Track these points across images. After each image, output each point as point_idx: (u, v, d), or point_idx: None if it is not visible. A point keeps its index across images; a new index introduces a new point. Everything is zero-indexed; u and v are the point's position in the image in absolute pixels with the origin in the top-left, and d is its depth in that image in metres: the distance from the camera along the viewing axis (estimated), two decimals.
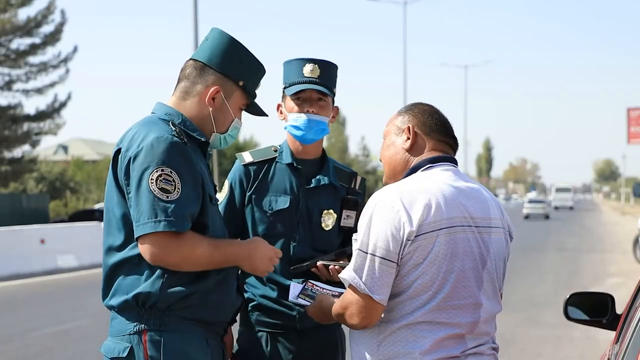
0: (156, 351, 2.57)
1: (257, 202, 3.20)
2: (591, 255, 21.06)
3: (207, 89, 2.73)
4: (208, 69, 2.74)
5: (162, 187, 2.53)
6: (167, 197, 2.52)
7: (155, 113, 2.75)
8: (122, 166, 2.60)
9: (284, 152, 3.28)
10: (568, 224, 41.55)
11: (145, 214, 2.52)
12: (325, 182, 3.25)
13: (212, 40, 2.78)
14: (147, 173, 2.53)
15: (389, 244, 2.39)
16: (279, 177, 3.23)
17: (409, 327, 2.43)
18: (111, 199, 2.66)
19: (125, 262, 2.62)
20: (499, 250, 2.57)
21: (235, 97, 2.78)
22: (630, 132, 43.62)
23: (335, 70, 3.29)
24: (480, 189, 2.58)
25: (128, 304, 2.60)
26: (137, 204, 2.54)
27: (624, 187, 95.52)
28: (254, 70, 2.80)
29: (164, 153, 2.55)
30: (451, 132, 2.66)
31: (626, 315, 3.30)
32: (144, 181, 2.53)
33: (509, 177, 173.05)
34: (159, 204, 2.52)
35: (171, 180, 2.54)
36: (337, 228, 3.27)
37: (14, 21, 29.90)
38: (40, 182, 36.34)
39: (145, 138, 2.58)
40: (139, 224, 2.53)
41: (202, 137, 2.72)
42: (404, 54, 42.64)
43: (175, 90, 2.79)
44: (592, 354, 8.15)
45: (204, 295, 2.64)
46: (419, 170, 2.57)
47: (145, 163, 2.54)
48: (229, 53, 2.75)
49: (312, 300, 2.84)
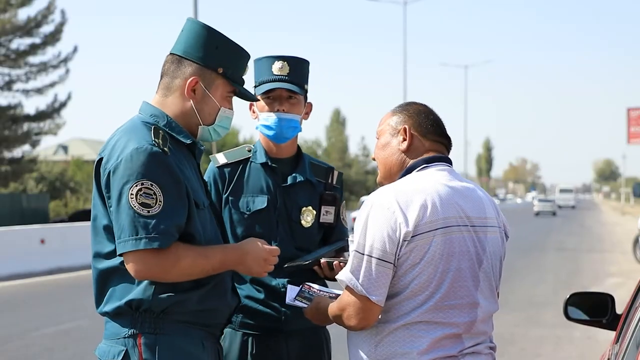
0: (151, 354, 2.54)
1: (234, 204, 3.16)
2: (591, 255, 21.06)
3: (185, 81, 2.66)
4: (185, 60, 2.66)
5: (143, 201, 2.46)
6: (148, 211, 2.46)
7: (141, 114, 2.69)
8: (103, 178, 2.55)
9: (258, 151, 3.24)
10: (568, 224, 41.54)
11: (125, 231, 2.47)
12: (301, 179, 3.22)
13: (186, 31, 2.70)
14: (127, 187, 2.46)
15: (385, 245, 2.39)
16: (255, 177, 3.20)
17: (406, 327, 2.43)
18: (96, 207, 2.61)
19: (115, 270, 2.57)
20: (495, 250, 2.57)
21: (217, 85, 2.69)
22: (630, 132, 43.60)
23: (307, 67, 3.25)
24: (475, 189, 2.58)
25: (121, 309, 2.57)
26: (118, 219, 2.49)
27: (624, 187, 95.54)
28: (233, 55, 2.70)
29: (143, 165, 2.47)
30: (445, 132, 2.66)
31: (626, 315, 3.30)
32: (123, 196, 2.47)
33: (509, 177, 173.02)
34: (139, 220, 2.45)
35: (152, 194, 2.47)
36: (316, 224, 3.23)
37: (14, 21, 29.90)
38: (40, 182, 36.31)
39: (124, 149, 2.51)
40: (120, 240, 2.48)
41: (187, 140, 2.66)
42: (404, 54, 42.66)
43: (158, 88, 2.73)
44: (592, 354, 8.15)
45: (200, 301, 2.61)
46: (414, 171, 2.56)
47: (125, 177, 2.47)
48: (203, 41, 2.66)
49: (310, 303, 2.83)
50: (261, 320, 3.14)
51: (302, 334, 3.17)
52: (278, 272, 3.11)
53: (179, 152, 2.63)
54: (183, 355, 2.58)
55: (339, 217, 3.29)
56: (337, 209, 3.28)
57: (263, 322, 3.14)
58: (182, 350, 2.58)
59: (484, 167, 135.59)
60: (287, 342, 3.15)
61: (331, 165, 3.36)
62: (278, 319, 3.14)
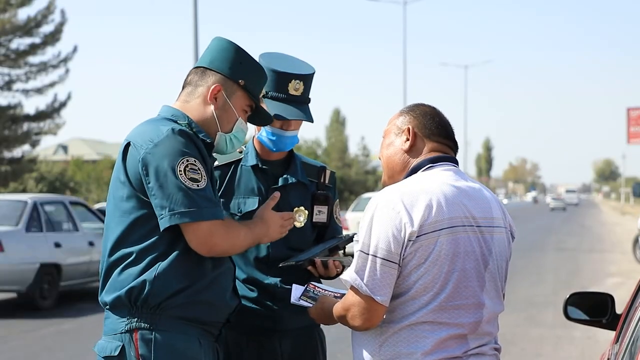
0: (147, 350, 2.58)
1: (225, 206, 3.14)
2: (591, 255, 21.06)
3: (209, 89, 2.77)
4: (209, 71, 2.79)
5: (191, 177, 2.57)
6: (198, 185, 2.57)
7: (161, 115, 2.78)
8: (138, 158, 2.60)
9: (249, 153, 3.23)
10: (568, 224, 41.53)
11: (181, 204, 2.54)
12: (292, 180, 3.21)
13: (212, 46, 2.83)
14: (174, 164, 2.56)
15: (390, 245, 2.39)
16: (246, 178, 3.19)
17: (410, 327, 2.43)
18: (115, 192, 2.67)
19: (122, 258, 2.62)
20: (501, 250, 2.57)
21: (238, 96, 2.80)
22: (630, 132, 43.61)
23: (313, 76, 3.22)
24: (481, 189, 2.58)
25: (120, 300, 2.61)
26: (166, 194, 2.55)
27: (624, 187, 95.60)
28: (254, 72, 2.83)
29: (184, 143, 2.60)
30: (451, 135, 2.66)
31: (626, 315, 3.30)
32: (169, 172, 2.55)
33: (509, 177, 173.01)
34: (194, 193, 2.56)
35: (197, 169, 2.59)
36: (309, 224, 3.22)
37: (14, 21, 29.88)
38: (40, 182, 36.30)
39: (158, 131, 2.62)
40: (174, 212, 2.54)
41: (207, 139, 2.74)
42: (404, 54, 42.61)
43: (179, 96, 2.83)
44: (592, 354, 8.15)
45: (196, 293, 2.63)
46: (419, 171, 2.56)
47: (168, 154, 2.57)
48: (228, 55, 2.79)
49: (314, 302, 2.83)
50: (255, 320, 3.13)
51: (296, 334, 3.16)
52: (271, 271, 3.12)
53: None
54: (179, 352, 2.61)
55: (333, 216, 3.29)
56: (330, 209, 3.27)
57: (257, 321, 3.13)
58: (178, 347, 2.61)
59: (484, 167, 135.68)
60: (281, 342, 3.14)
61: (323, 165, 3.35)
62: (272, 318, 3.13)
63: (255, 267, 3.14)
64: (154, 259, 2.60)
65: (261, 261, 3.12)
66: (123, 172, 2.65)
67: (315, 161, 3.36)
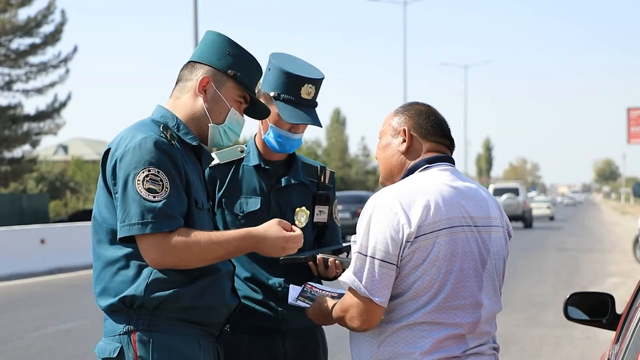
0: (145, 351, 2.57)
1: (228, 205, 3.15)
2: (591, 255, 21.05)
3: (197, 81, 2.75)
4: (198, 64, 2.78)
5: (149, 187, 2.53)
6: (154, 197, 2.53)
7: (152, 116, 2.77)
8: (110, 166, 2.61)
9: (251, 153, 3.22)
10: (568, 224, 41.52)
11: (132, 216, 2.52)
12: (295, 181, 3.21)
13: (203, 40, 2.84)
14: (134, 174, 2.53)
15: (388, 246, 2.39)
16: (248, 178, 3.19)
17: (409, 327, 2.43)
18: (99, 198, 2.67)
19: (113, 262, 2.61)
20: (499, 250, 2.57)
21: (228, 87, 2.77)
22: (630, 132, 43.61)
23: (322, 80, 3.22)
24: (478, 189, 2.58)
25: (115, 306, 2.60)
26: (124, 204, 2.54)
27: (624, 187, 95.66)
28: (245, 63, 2.79)
29: (151, 153, 2.55)
30: (448, 134, 2.65)
31: (626, 315, 3.30)
32: (130, 182, 2.53)
33: (509, 177, 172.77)
34: (146, 205, 2.51)
35: (158, 180, 2.54)
36: (310, 224, 3.23)
37: (14, 21, 29.89)
38: (40, 182, 36.30)
39: (132, 139, 2.59)
40: (124, 224, 2.53)
41: (193, 142, 2.72)
42: (404, 54, 42.64)
43: (172, 93, 2.83)
44: (592, 354, 8.15)
45: (194, 297, 2.62)
46: (416, 171, 2.56)
47: (132, 164, 2.54)
48: (217, 46, 2.78)
49: (312, 302, 2.82)
50: (258, 320, 3.13)
51: (299, 334, 3.16)
52: (274, 272, 3.12)
53: (185, 154, 2.69)
54: (177, 353, 2.60)
55: (332, 215, 3.30)
56: (330, 208, 3.28)
57: (260, 321, 3.13)
58: (176, 348, 2.60)
59: (484, 167, 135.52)
60: (284, 342, 3.14)
61: (323, 164, 3.36)
62: (275, 319, 3.13)
63: (258, 266, 3.14)
64: (144, 264, 2.59)
65: (264, 261, 3.11)
66: (102, 177, 2.66)
67: (315, 161, 3.37)
